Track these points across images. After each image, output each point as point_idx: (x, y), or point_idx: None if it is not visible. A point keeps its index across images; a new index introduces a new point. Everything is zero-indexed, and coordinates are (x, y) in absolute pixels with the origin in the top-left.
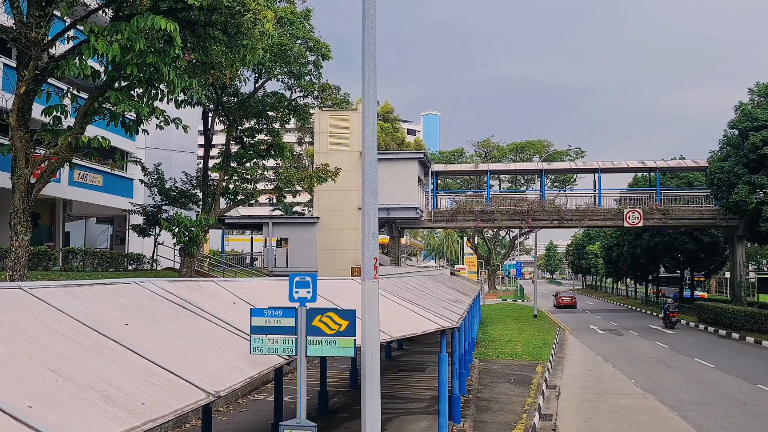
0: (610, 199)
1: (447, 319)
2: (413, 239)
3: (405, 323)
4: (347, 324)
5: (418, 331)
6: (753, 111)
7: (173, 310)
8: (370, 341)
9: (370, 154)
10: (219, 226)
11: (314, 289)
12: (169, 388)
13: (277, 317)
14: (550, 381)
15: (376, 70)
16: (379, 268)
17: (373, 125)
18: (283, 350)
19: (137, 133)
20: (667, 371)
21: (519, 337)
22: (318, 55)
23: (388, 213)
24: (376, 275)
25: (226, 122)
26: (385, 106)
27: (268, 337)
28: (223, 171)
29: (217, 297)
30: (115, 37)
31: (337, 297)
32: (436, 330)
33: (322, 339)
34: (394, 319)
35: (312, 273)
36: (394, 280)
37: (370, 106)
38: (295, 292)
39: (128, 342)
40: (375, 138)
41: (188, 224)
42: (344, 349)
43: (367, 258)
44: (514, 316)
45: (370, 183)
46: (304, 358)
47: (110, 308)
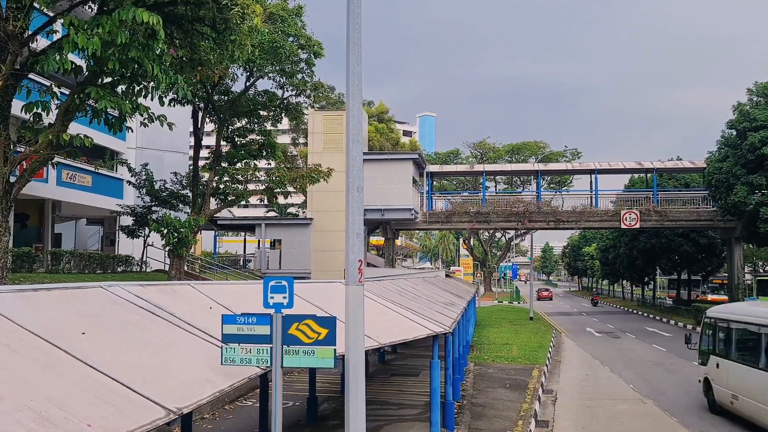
0: (607, 200)
1: (439, 323)
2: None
3: (395, 328)
4: (327, 332)
5: (408, 337)
6: (751, 111)
7: (141, 317)
8: (354, 349)
9: (354, 149)
10: (211, 227)
11: (291, 294)
12: (124, 405)
13: (251, 324)
14: (547, 385)
15: (361, 58)
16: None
17: (358, 118)
18: (257, 361)
19: (121, 130)
20: (665, 375)
21: (515, 340)
22: (310, 53)
23: (383, 214)
24: (361, 278)
25: (217, 121)
26: (379, 106)
27: (241, 347)
28: (213, 171)
29: (193, 302)
30: (96, 30)
31: (324, 301)
32: (428, 336)
33: (299, 348)
34: (384, 324)
35: (288, 277)
36: (386, 283)
37: (355, 98)
38: (270, 298)
39: (83, 353)
40: (360, 131)
41: (177, 225)
42: (323, 360)
43: (351, 260)
44: (510, 318)
45: (354, 179)
46: (280, 369)
47: (68, 315)
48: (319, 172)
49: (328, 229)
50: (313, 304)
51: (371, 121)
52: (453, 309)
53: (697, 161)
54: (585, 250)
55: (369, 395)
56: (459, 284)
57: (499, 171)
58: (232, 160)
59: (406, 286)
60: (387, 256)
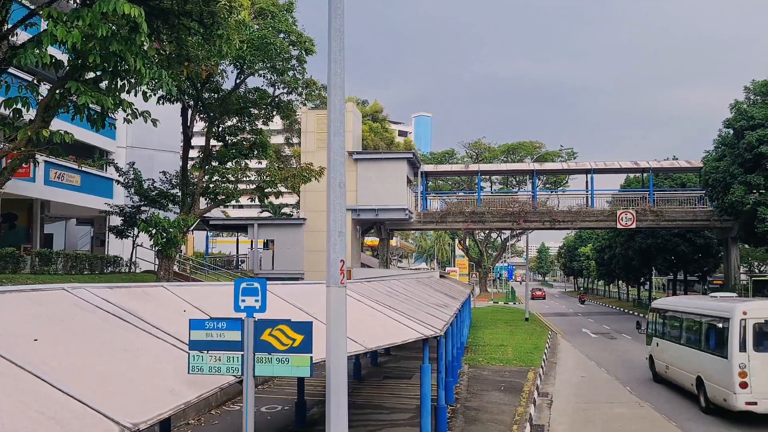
0: (603, 200)
1: (430, 326)
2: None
3: (383, 332)
4: (302, 339)
5: (396, 341)
6: (749, 109)
7: (105, 322)
8: (335, 354)
9: (336, 142)
10: (203, 227)
11: (263, 297)
12: (71, 421)
13: (221, 330)
14: (542, 388)
15: (344, 45)
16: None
17: (341, 109)
18: (227, 369)
19: (103, 127)
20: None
21: (510, 342)
22: (301, 49)
23: (377, 214)
24: (344, 280)
25: (207, 119)
26: (374, 105)
27: (209, 354)
28: (203, 170)
29: (166, 305)
30: (76, 23)
31: (308, 304)
32: (417, 339)
33: (272, 356)
34: (372, 327)
35: (261, 279)
36: (376, 284)
37: (337, 88)
38: (240, 301)
39: (31, 363)
40: (343, 123)
41: (166, 225)
42: (298, 369)
43: (333, 260)
44: (505, 319)
45: (336, 175)
46: (252, 378)
47: (23, 320)
48: (310, 171)
49: (321, 230)
50: (297, 306)
51: (365, 120)
52: (445, 311)
53: (694, 161)
54: (581, 250)
55: (361, 399)
56: (453, 285)
57: (494, 171)
58: (222, 159)
59: (397, 287)
60: (381, 257)
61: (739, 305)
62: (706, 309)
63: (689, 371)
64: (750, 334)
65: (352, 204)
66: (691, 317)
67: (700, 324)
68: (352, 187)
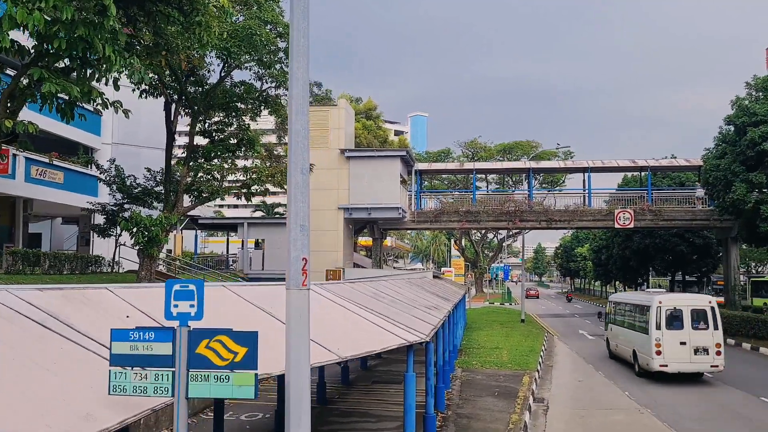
0: (600, 200)
1: (415, 331)
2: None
3: (363, 338)
4: (245, 352)
5: (376, 348)
6: (751, 105)
7: (22, 331)
8: (296, 369)
9: (299, 122)
10: (192, 227)
11: (200, 301)
12: None
13: (148, 342)
14: (538, 393)
15: (308, 13)
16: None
17: (303, 82)
18: (154, 389)
19: (72, 118)
20: (662, 381)
21: (505, 344)
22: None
23: (369, 213)
24: (306, 281)
25: (191, 114)
26: (367, 102)
27: (134, 371)
28: (187, 166)
29: (107, 309)
30: (38, 4)
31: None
32: (401, 346)
33: (210, 373)
34: (350, 333)
35: (198, 280)
36: (361, 285)
37: (300, 57)
38: (173, 306)
39: None
40: (306, 100)
41: (147, 223)
42: (240, 389)
43: (294, 258)
44: (501, 320)
45: (298, 159)
46: (185, 401)
47: None
48: None
49: (312, 229)
50: (264, 310)
51: (359, 118)
52: (435, 313)
53: (693, 159)
54: (577, 250)
55: (348, 405)
56: (447, 286)
57: (489, 169)
58: (208, 155)
59: (385, 289)
60: (374, 257)
61: (656, 297)
62: (639, 300)
63: (628, 346)
64: (663, 317)
65: (344, 203)
66: (630, 306)
67: (635, 312)
68: (344, 185)
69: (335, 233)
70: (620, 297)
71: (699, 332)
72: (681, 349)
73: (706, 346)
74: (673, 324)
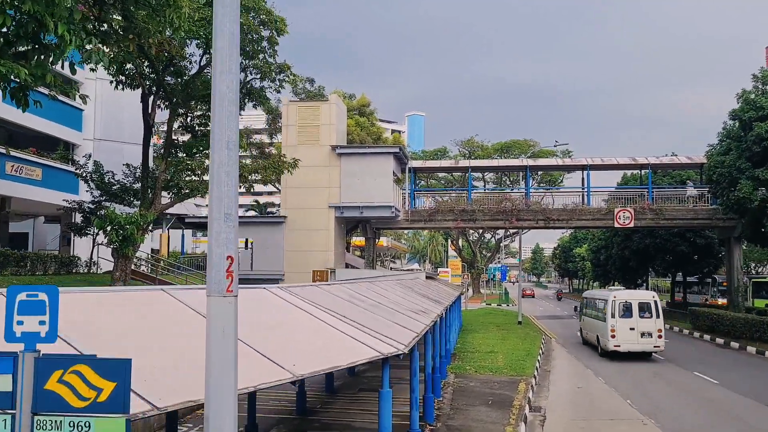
0: (599, 198)
1: (392, 341)
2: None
3: (327, 351)
4: (113, 388)
5: (341, 363)
6: (758, 99)
7: None
8: (218, 399)
9: (224, 82)
10: (179, 226)
11: (53, 318)
12: None
13: None
14: (534, 401)
15: None
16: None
17: (231, 37)
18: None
19: (27, 105)
20: (665, 388)
21: (501, 348)
22: (272, 29)
23: (361, 212)
24: (232, 285)
25: (169, 106)
26: (361, 99)
27: None
28: (165, 161)
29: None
30: None
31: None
32: (373, 359)
33: (63, 419)
34: (313, 345)
35: (50, 286)
36: (337, 287)
37: (225, 5)
38: (16, 324)
39: None
40: (235, 56)
41: (122, 222)
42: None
43: (216, 257)
44: (498, 322)
45: (223, 130)
46: None
47: None
48: (283, 163)
49: (302, 228)
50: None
51: (352, 114)
52: (422, 319)
53: (695, 156)
54: (576, 251)
55: (330, 417)
56: (440, 287)
57: (485, 167)
58: (190, 150)
59: (366, 292)
60: (367, 257)
61: (612, 293)
62: (601, 296)
63: (593, 332)
64: (617, 309)
65: (335, 201)
66: (595, 301)
67: (598, 305)
68: (335, 183)
69: (326, 233)
70: (589, 293)
71: (644, 320)
72: (630, 334)
73: (650, 331)
74: (625, 314)
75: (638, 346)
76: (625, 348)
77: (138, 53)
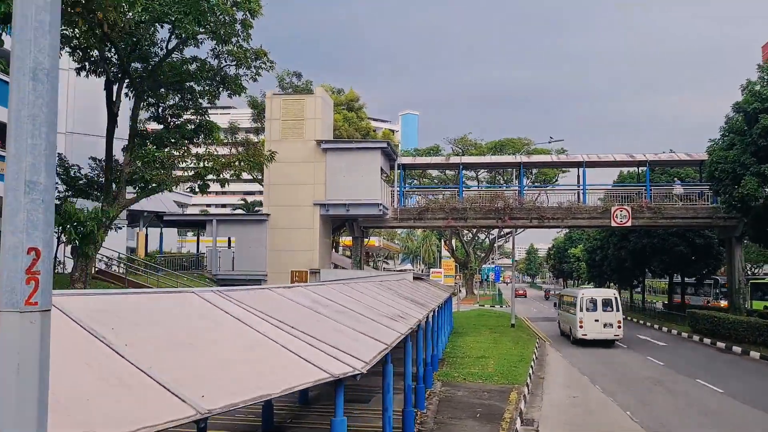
0: (596, 197)
1: (348, 360)
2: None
3: (259, 375)
4: None
5: (273, 392)
6: (763, 90)
7: None
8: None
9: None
10: (158, 224)
11: None
12: None
13: None
14: (527, 413)
15: None
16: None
17: None
18: None
19: None
20: (667, 398)
21: (493, 352)
22: (245, 11)
23: (347, 210)
24: (36, 294)
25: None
26: (349, 93)
27: None
28: (129, 153)
29: None
30: None
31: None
32: (320, 382)
33: None
34: (240, 367)
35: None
36: (298, 292)
37: None
38: None
39: None
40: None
41: (81, 218)
42: None
43: (11, 248)
44: (490, 324)
45: (26, 54)
46: None
47: None
48: (257, 155)
49: (286, 226)
50: (100, 337)
51: (340, 109)
52: (397, 326)
53: (694, 153)
54: (571, 251)
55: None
56: (429, 288)
57: (478, 163)
58: (161, 141)
59: (336, 296)
60: (354, 257)
61: (581, 291)
62: (572, 294)
63: (567, 324)
64: (584, 303)
65: (320, 199)
66: (568, 298)
67: (570, 301)
68: (320, 180)
69: (311, 231)
70: (563, 292)
71: (606, 313)
72: (595, 324)
73: (611, 322)
74: (590, 308)
75: (601, 335)
76: (591, 336)
77: (90, 31)
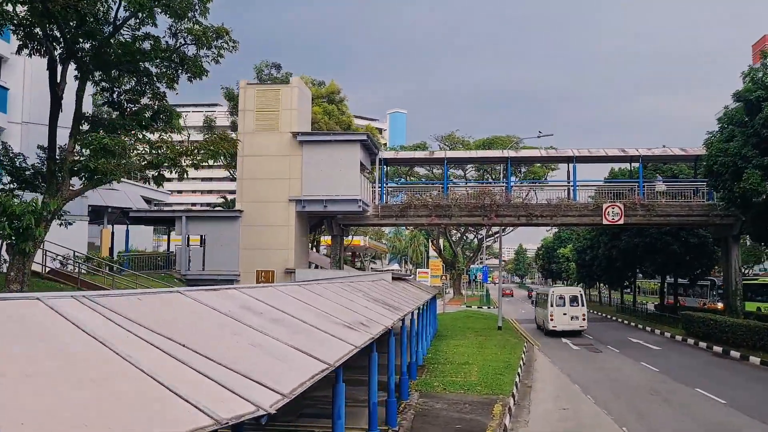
0: (586, 194)
1: (250, 396)
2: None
3: (102, 427)
4: None
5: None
6: (766, 78)
7: None
8: None
9: None
10: (124, 221)
11: None
12: None
13: None
14: (511, 428)
15: None
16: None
17: None
18: None
19: None
20: (665, 409)
21: (477, 358)
22: None
23: (325, 206)
24: None
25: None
26: (330, 86)
27: None
28: (73, 140)
29: None
30: None
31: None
32: (210, 427)
33: None
34: (79, 415)
35: None
36: (223, 296)
37: None
38: None
39: None
40: None
41: (17, 211)
42: None
43: None
44: (476, 327)
45: None
46: None
47: None
48: (219, 144)
49: (260, 224)
50: None
51: (320, 101)
52: (352, 338)
53: (689, 148)
54: (560, 251)
55: None
56: (409, 289)
57: (463, 158)
58: (113, 128)
59: (280, 300)
60: (333, 256)
61: (551, 288)
62: (545, 291)
63: (541, 318)
64: (554, 299)
65: (296, 194)
66: (543, 295)
67: (543, 297)
68: (296, 174)
69: (286, 229)
70: (538, 289)
71: (573, 308)
72: (564, 318)
73: (577, 315)
74: (560, 304)
75: (569, 326)
76: (560, 328)
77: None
